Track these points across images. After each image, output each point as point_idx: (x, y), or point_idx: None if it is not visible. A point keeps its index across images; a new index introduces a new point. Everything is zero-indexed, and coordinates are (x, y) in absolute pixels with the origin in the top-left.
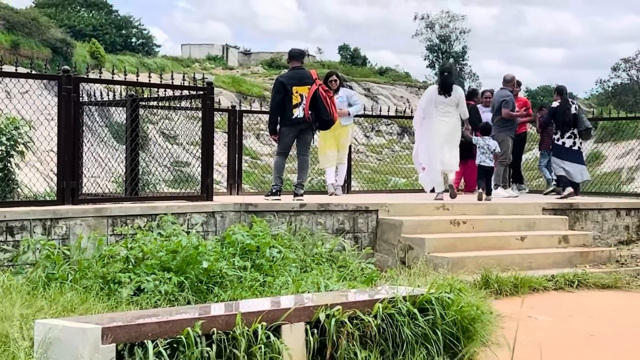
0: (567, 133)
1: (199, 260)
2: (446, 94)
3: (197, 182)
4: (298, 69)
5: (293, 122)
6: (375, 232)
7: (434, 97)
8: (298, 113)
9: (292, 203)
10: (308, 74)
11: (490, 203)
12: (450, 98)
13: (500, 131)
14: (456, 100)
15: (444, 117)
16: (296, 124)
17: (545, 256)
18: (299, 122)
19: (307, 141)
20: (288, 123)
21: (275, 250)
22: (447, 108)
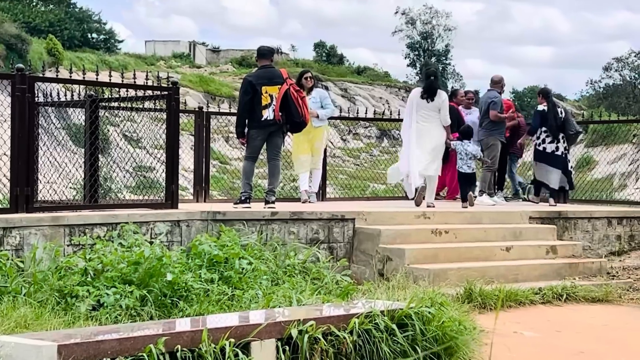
0: (553, 138)
1: (163, 273)
2: (429, 99)
3: (162, 189)
4: (267, 67)
5: (262, 124)
6: (351, 242)
7: (415, 100)
8: (268, 114)
9: (263, 211)
10: (278, 73)
11: (474, 211)
12: (433, 103)
13: (489, 135)
14: (439, 106)
15: (425, 122)
16: (266, 126)
17: (532, 268)
18: (269, 124)
19: (277, 144)
20: (257, 125)
21: (245, 261)
22: (429, 113)
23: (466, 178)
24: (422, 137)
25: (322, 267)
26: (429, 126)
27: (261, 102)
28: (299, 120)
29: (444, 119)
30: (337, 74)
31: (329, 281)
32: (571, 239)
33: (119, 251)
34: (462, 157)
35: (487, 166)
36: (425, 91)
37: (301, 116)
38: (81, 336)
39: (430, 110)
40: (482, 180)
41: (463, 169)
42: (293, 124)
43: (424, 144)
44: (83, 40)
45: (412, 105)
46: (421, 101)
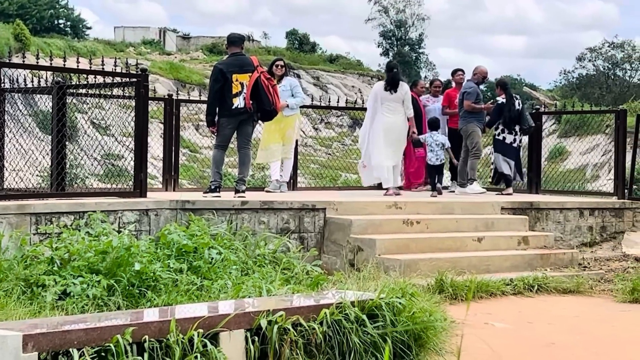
0: (511, 129)
1: (131, 262)
2: (392, 90)
3: (130, 177)
4: (238, 55)
5: (233, 112)
6: (322, 232)
7: (379, 93)
8: (238, 103)
9: (233, 200)
10: (249, 60)
11: (446, 201)
12: (396, 95)
13: (467, 122)
14: (402, 97)
15: (391, 114)
16: (236, 115)
17: (504, 259)
18: (240, 112)
19: (248, 133)
20: (227, 113)
21: (214, 251)
22: (392, 105)
23: (435, 169)
24: (388, 129)
25: (292, 257)
26: (395, 118)
27: (232, 90)
28: (270, 108)
29: (408, 111)
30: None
31: (299, 271)
32: (543, 230)
33: (86, 240)
34: (433, 149)
35: (473, 153)
36: (388, 83)
37: (272, 104)
38: (47, 326)
39: (394, 102)
40: (470, 169)
41: (432, 161)
42: (264, 112)
43: (390, 136)
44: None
45: (377, 98)
46: (385, 93)
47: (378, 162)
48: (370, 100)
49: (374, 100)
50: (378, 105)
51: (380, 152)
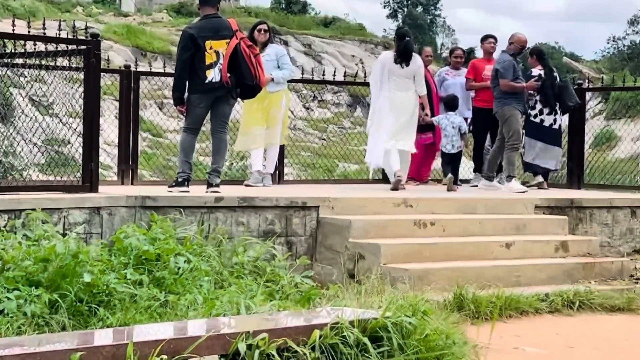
0: (550, 109)
1: (79, 273)
2: (404, 64)
3: (78, 167)
4: (212, 17)
5: (206, 87)
6: (314, 236)
7: (388, 66)
8: (213, 76)
9: (205, 196)
10: (226, 24)
11: (467, 198)
12: (408, 69)
13: (503, 104)
14: (414, 72)
15: (400, 91)
16: (210, 91)
17: (538, 268)
18: (214, 87)
19: (224, 114)
20: (199, 89)
21: (182, 259)
22: (402, 81)
23: (451, 158)
24: (397, 109)
25: (278, 266)
26: (405, 96)
27: (204, 60)
28: (252, 83)
29: (420, 88)
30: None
31: (287, 284)
32: (586, 233)
33: (24, 245)
34: (448, 134)
35: (511, 144)
36: (400, 54)
37: (254, 78)
38: None
39: (405, 78)
40: (507, 163)
41: (447, 148)
42: (244, 87)
43: (399, 116)
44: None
45: (383, 71)
46: (394, 66)
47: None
48: (375, 74)
49: (381, 73)
50: (384, 80)
51: (388, 135)
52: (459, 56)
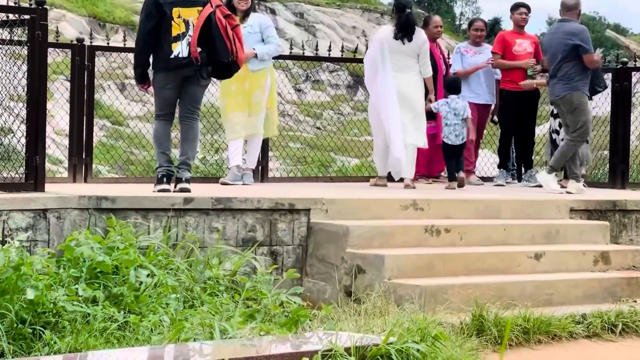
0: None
1: (21, 288)
2: (406, 39)
3: (21, 162)
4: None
5: (171, 64)
6: (304, 245)
7: (387, 43)
8: (179, 50)
9: (173, 197)
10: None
11: (489, 200)
12: (410, 45)
13: (572, 89)
14: (417, 49)
15: (402, 72)
16: (176, 68)
17: (573, 284)
18: (181, 64)
19: (194, 97)
20: (164, 66)
21: (144, 272)
22: (404, 60)
23: (454, 151)
24: (401, 94)
25: (259, 281)
26: (408, 77)
27: (170, 31)
28: (227, 60)
29: (425, 69)
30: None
31: (270, 303)
32: (631, 242)
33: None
34: (449, 122)
35: (574, 137)
36: (401, 29)
37: (230, 54)
38: None
39: (407, 56)
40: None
41: (450, 139)
42: (218, 65)
43: (404, 103)
44: None
45: (383, 49)
46: (394, 43)
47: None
48: (372, 53)
49: (380, 52)
50: (384, 60)
51: (397, 126)
52: (480, 29)
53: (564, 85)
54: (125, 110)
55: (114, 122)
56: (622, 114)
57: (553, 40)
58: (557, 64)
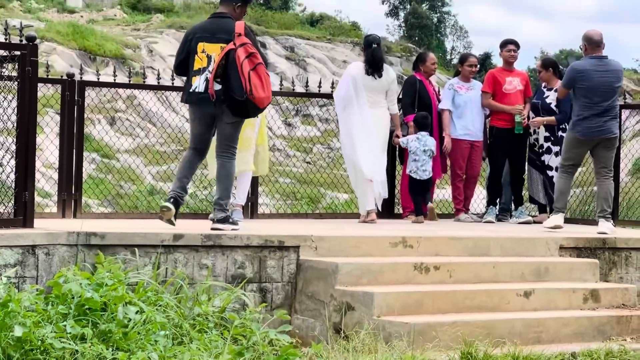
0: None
1: (9, 325)
2: (376, 74)
3: (9, 197)
4: (219, 17)
5: (191, 97)
6: (294, 282)
7: (359, 78)
8: (197, 84)
9: (162, 234)
10: (228, 25)
11: (479, 237)
12: (381, 81)
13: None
14: (387, 86)
15: (373, 107)
16: (197, 102)
17: (563, 322)
18: (199, 99)
19: (222, 133)
20: (186, 98)
21: (133, 309)
22: (375, 96)
23: (421, 186)
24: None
25: (249, 318)
26: (378, 114)
27: (193, 64)
28: (241, 97)
29: (392, 106)
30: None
31: (259, 340)
32: (621, 280)
33: None
34: (417, 158)
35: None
36: (370, 64)
37: (244, 91)
38: None
39: (378, 92)
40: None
41: (418, 174)
42: (233, 102)
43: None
44: None
45: (357, 84)
46: (366, 79)
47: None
48: (343, 88)
49: (353, 86)
50: (356, 96)
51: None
52: (474, 64)
53: (615, 122)
54: (115, 144)
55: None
56: None
57: (602, 77)
58: (610, 102)
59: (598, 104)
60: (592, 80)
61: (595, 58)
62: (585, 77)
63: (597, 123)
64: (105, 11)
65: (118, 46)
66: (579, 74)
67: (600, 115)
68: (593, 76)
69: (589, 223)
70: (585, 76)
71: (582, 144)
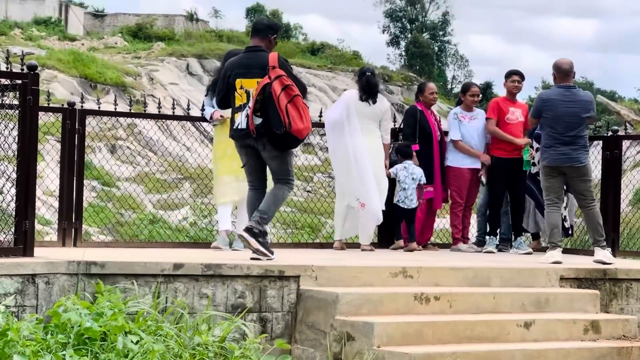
0: None
1: (8, 354)
2: (370, 100)
3: (9, 224)
4: (253, 50)
5: (236, 134)
6: (294, 312)
7: (353, 105)
8: (240, 121)
9: (162, 263)
10: (262, 59)
11: (479, 268)
12: (374, 108)
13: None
14: (380, 114)
15: (366, 135)
16: (240, 138)
17: (563, 354)
18: (241, 135)
19: (271, 168)
20: (232, 134)
21: (133, 338)
22: (368, 124)
23: (407, 214)
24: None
25: (249, 347)
26: (371, 142)
27: (235, 101)
28: (280, 131)
29: (386, 135)
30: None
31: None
32: (622, 311)
33: None
34: (407, 187)
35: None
36: (364, 90)
37: (283, 125)
38: None
39: (371, 120)
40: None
41: (405, 203)
42: (273, 136)
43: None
44: None
45: (350, 111)
46: (360, 105)
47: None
48: (336, 114)
49: (347, 113)
50: (348, 122)
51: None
52: (477, 94)
53: (586, 152)
54: (115, 172)
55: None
56: (613, 182)
57: (568, 107)
58: (577, 131)
59: (563, 134)
60: (557, 109)
61: (563, 87)
62: (550, 106)
63: (562, 151)
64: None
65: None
66: (544, 103)
67: (566, 144)
68: (558, 106)
69: (590, 253)
70: (550, 105)
71: (553, 171)
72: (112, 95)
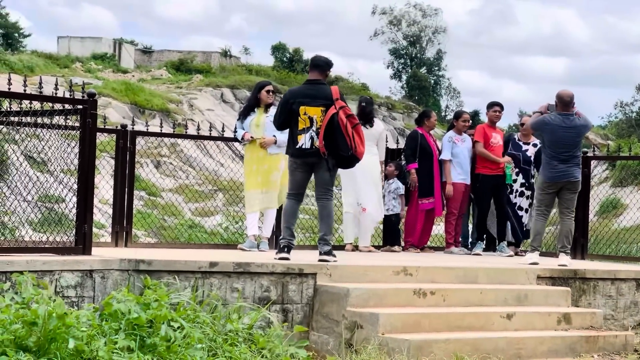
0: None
1: (66, 338)
2: (367, 125)
3: (71, 226)
4: (315, 83)
5: (297, 152)
6: (311, 304)
7: None
8: (303, 142)
9: (200, 261)
10: (326, 91)
11: (468, 267)
12: (372, 130)
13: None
14: (377, 136)
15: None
16: (303, 156)
17: (539, 341)
18: (305, 153)
19: (324, 180)
20: (292, 152)
21: (175, 325)
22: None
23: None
24: (366, 171)
25: (273, 334)
26: (368, 158)
27: (298, 125)
28: (347, 154)
29: (382, 154)
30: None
31: (282, 353)
32: (589, 306)
33: (13, 308)
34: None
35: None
36: (360, 117)
37: (349, 149)
38: None
39: (369, 140)
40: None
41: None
42: (339, 158)
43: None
44: None
45: None
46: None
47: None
48: None
49: None
50: None
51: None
52: (467, 120)
53: (579, 169)
54: (159, 184)
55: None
56: (582, 196)
57: (565, 132)
58: (572, 152)
59: (561, 154)
60: (556, 134)
61: (563, 115)
62: (550, 129)
63: (561, 169)
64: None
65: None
66: (545, 125)
67: (564, 162)
68: (557, 130)
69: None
70: (550, 129)
71: (550, 186)
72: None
